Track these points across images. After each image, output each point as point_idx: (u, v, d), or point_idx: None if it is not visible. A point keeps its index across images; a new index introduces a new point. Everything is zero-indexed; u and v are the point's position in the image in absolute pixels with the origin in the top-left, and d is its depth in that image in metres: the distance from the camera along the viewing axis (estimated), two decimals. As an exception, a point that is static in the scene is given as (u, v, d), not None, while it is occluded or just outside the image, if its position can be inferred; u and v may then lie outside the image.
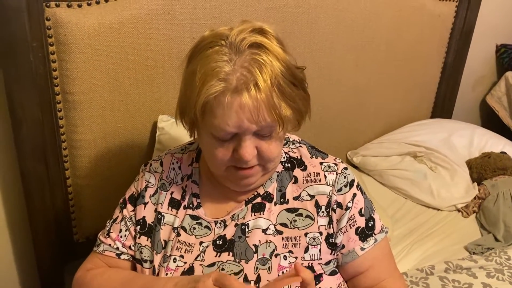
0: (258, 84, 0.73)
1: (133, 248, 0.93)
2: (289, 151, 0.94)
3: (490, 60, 2.36)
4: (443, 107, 2.13)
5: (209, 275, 0.73)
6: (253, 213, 0.88)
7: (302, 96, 0.82)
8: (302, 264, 0.84)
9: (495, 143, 1.87)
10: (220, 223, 0.89)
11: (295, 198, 0.89)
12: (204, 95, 0.74)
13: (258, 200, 0.89)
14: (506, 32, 2.31)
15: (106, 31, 1.14)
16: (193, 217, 0.91)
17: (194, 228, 0.89)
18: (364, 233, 0.89)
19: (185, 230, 0.90)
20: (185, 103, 0.81)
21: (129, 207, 0.95)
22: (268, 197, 0.89)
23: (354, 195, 0.89)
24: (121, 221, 0.94)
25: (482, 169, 1.72)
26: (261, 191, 0.90)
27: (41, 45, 1.09)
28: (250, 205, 0.89)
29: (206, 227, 0.89)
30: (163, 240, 0.90)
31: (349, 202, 0.88)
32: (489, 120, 2.38)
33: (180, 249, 0.88)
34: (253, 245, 0.85)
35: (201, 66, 0.76)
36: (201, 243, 0.88)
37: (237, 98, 0.74)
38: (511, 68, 2.25)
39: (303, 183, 0.90)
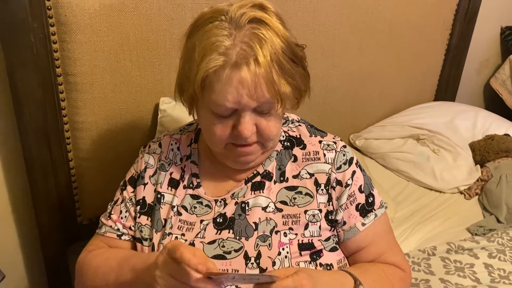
0: (258, 59, 0.73)
1: (133, 228, 0.94)
2: (288, 130, 0.94)
3: (495, 43, 2.33)
4: (446, 90, 2.12)
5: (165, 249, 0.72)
6: (252, 192, 0.89)
7: (301, 73, 0.81)
8: (302, 240, 0.85)
9: (498, 125, 1.87)
10: (220, 202, 0.90)
11: (295, 177, 0.89)
12: (204, 70, 0.74)
13: (258, 179, 0.90)
14: (511, 14, 2.28)
15: (107, 12, 1.14)
16: (194, 197, 0.91)
17: (195, 207, 0.90)
18: (365, 209, 0.90)
19: (186, 209, 0.90)
20: (184, 79, 0.80)
21: (129, 188, 0.96)
22: (267, 175, 0.90)
23: (354, 172, 0.89)
24: (121, 203, 0.95)
25: (485, 151, 1.71)
26: (260, 170, 0.90)
27: (42, 26, 1.08)
28: (249, 184, 0.90)
29: (206, 205, 0.90)
30: (163, 219, 0.91)
31: (348, 179, 0.88)
32: (493, 103, 2.36)
33: (181, 228, 0.89)
34: (253, 222, 0.86)
35: (200, 40, 0.76)
36: (201, 221, 0.88)
37: (237, 72, 0.73)
38: (516, 51, 2.23)
39: (303, 161, 0.90)
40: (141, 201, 0.93)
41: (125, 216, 0.94)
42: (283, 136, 0.93)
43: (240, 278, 0.69)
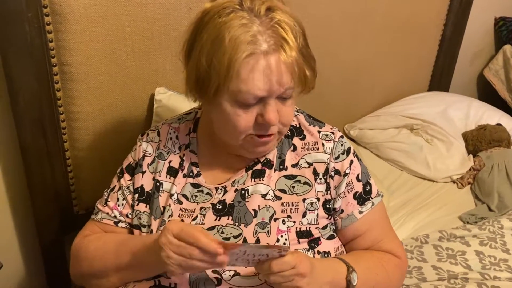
0: (290, 44, 0.75)
1: (130, 216, 0.94)
2: None
3: (489, 33, 2.35)
4: (440, 81, 2.13)
5: (176, 225, 0.74)
6: (253, 179, 0.90)
7: (313, 57, 0.83)
8: (300, 228, 0.87)
9: (491, 115, 1.89)
10: (220, 189, 0.91)
11: (294, 166, 0.91)
12: (237, 61, 0.74)
13: (258, 166, 0.91)
14: (505, 4, 2.29)
15: (102, 1, 1.13)
16: (194, 185, 0.92)
17: (196, 196, 0.91)
18: (362, 198, 0.91)
19: (186, 198, 0.91)
20: (211, 73, 0.77)
21: (126, 176, 0.96)
22: (268, 163, 0.91)
23: (351, 162, 0.91)
24: (118, 190, 0.96)
25: (477, 141, 1.74)
26: (261, 158, 0.91)
27: (37, 16, 1.07)
28: (250, 172, 0.91)
29: (207, 193, 0.91)
30: (162, 206, 0.91)
31: (346, 168, 0.90)
32: (487, 93, 2.38)
33: (181, 216, 0.90)
34: (252, 209, 0.87)
35: (226, 32, 0.74)
36: (201, 208, 0.89)
37: (268, 60, 0.75)
38: (510, 41, 2.24)
39: (302, 151, 0.91)
40: (139, 189, 0.94)
41: (122, 204, 0.95)
42: None
43: (250, 253, 0.71)
